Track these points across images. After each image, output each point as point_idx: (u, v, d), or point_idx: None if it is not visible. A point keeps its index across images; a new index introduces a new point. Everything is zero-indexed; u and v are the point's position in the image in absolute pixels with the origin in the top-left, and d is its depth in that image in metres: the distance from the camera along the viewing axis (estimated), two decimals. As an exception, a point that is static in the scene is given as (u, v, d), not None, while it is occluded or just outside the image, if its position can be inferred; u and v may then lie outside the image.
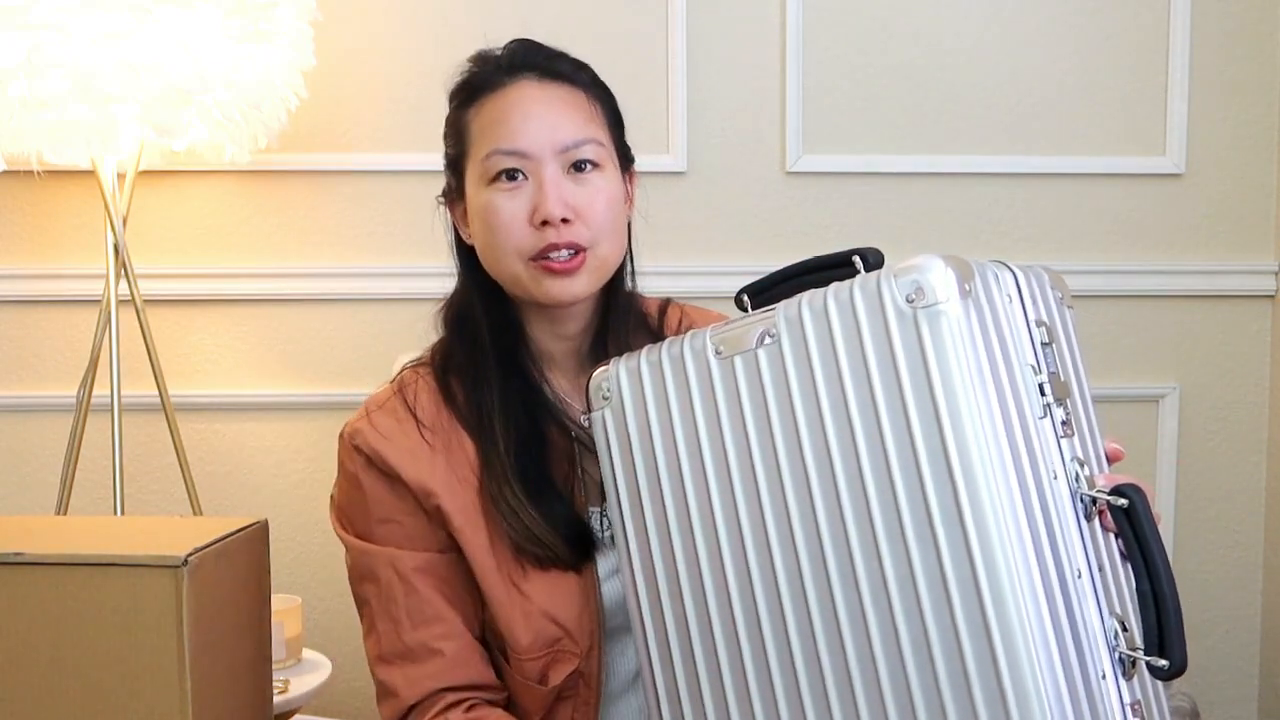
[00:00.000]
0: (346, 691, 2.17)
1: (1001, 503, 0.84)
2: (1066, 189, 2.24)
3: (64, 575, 0.96)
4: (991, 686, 0.84)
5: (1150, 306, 2.26)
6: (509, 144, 1.13)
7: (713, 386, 0.97)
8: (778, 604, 0.93)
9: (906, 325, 0.86)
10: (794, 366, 0.92)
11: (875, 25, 2.21)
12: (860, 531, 0.89)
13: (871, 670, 0.89)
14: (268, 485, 2.22)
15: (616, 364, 1.04)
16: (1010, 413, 0.87)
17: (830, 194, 2.22)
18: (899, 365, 0.87)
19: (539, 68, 1.17)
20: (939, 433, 0.85)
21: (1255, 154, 2.25)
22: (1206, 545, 2.31)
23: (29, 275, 2.16)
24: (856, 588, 0.89)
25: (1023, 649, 0.83)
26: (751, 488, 0.94)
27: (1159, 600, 0.88)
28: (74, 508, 2.01)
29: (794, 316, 0.92)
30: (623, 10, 2.17)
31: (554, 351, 1.21)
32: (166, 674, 0.96)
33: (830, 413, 0.90)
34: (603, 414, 1.04)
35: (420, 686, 1.12)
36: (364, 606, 1.17)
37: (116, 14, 1.71)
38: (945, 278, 0.86)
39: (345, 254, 2.19)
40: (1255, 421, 2.30)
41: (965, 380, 0.85)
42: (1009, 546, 0.83)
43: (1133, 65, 2.22)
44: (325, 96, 2.09)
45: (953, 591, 0.85)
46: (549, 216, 1.10)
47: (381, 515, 1.15)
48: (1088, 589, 0.89)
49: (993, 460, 0.84)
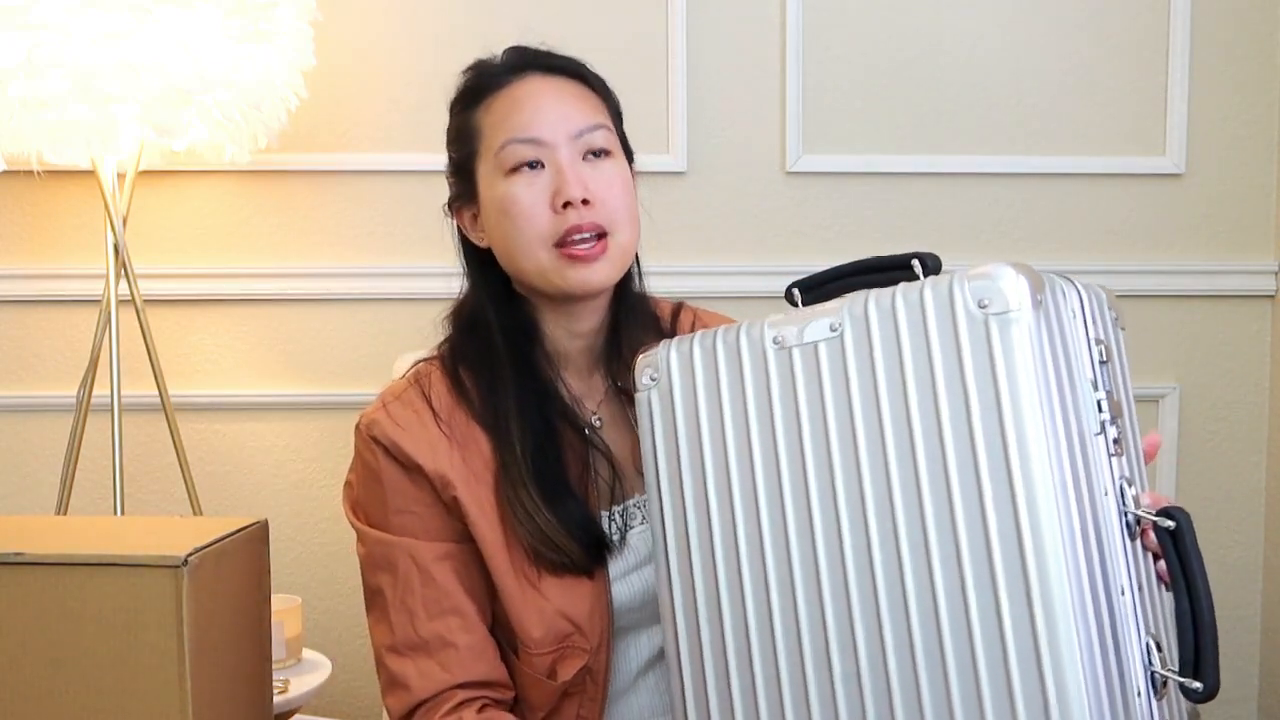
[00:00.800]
0: (346, 691, 2.17)
1: (1059, 516, 0.83)
2: (1066, 189, 2.24)
3: (64, 575, 0.96)
4: (1035, 695, 0.83)
5: (1150, 306, 2.26)
6: (524, 133, 1.13)
7: (768, 377, 0.96)
8: (818, 601, 0.92)
9: (977, 330, 0.86)
10: (855, 363, 0.91)
11: (875, 25, 2.20)
12: (911, 535, 0.88)
13: (910, 672, 0.88)
14: (268, 485, 2.22)
15: (667, 346, 1.03)
16: (1071, 427, 0.87)
17: (830, 194, 2.22)
18: (965, 370, 0.86)
19: (542, 65, 1.18)
20: (1002, 440, 0.84)
21: (1255, 154, 2.25)
22: (1206, 545, 2.27)
23: (29, 275, 2.16)
24: (902, 589, 0.88)
25: (1068, 661, 0.82)
26: (800, 482, 0.93)
27: (1198, 623, 0.88)
28: (74, 508, 2.01)
29: (859, 313, 0.91)
30: (623, 10, 2.17)
31: (569, 351, 1.21)
32: (166, 674, 0.96)
33: (889, 412, 0.89)
34: (649, 395, 1.03)
35: (433, 680, 1.12)
36: (377, 596, 1.16)
37: (116, 14, 1.71)
38: (1019, 286, 0.85)
39: (345, 254, 2.19)
40: (1255, 421, 2.29)
41: (1031, 390, 0.84)
42: (1062, 560, 0.83)
43: (1133, 65, 2.22)
44: (325, 96, 2.09)
45: (1002, 601, 0.84)
46: (570, 197, 1.11)
47: (400, 506, 1.15)
48: (1129, 607, 0.89)
49: (1053, 473, 0.83)
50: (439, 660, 1.12)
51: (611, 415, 1.22)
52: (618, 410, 1.22)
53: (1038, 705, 0.83)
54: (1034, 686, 0.83)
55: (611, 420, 1.22)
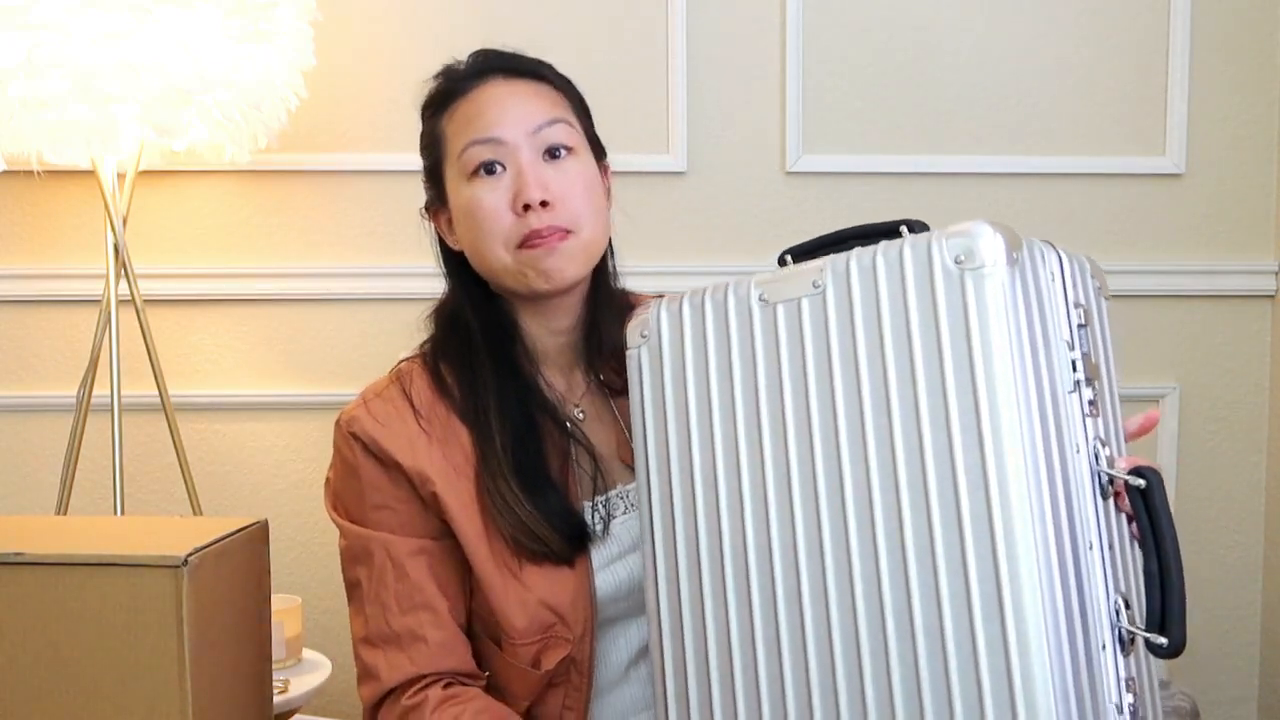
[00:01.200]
0: (346, 691, 2.17)
1: (1026, 466, 0.86)
2: (1066, 189, 2.24)
3: (64, 575, 0.96)
4: (996, 640, 0.85)
5: (1150, 306, 2.26)
6: (483, 134, 1.15)
7: (752, 332, 0.99)
8: (791, 545, 0.95)
9: (953, 285, 0.89)
10: (835, 317, 0.94)
11: (875, 25, 2.20)
12: (883, 481, 0.90)
13: (877, 611, 0.90)
14: (267, 485, 2.22)
15: (658, 305, 1.06)
16: (1043, 382, 0.89)
17: (830, 194, 2.22)
18: (940, 323, 0.89)
19: (504, 68, 1.20)
20: (973, 391, 0.87)
21: (1255, 154, 2.25)
22: (1206, 545, 2.31)
23: (29, 275, 2.16)
24: (873, 537, 0.91)
25: (1030, 609, 0.84)
26: (779, 433, 0.96)
27: (1165, 580, 0.91)
28: (74, 508, 2.01)
29: (841, 270, 0.95)
30: (623, 10, 2.17)
31: (547, 348, 1.23)
32: (166, 674, 0.96)
33: (866, 365, 0.92)
34: (639, 351, 1.06)
35: (401, 671, 1.14)
36: (354, 589, 1.19)
37: (116, 14, 1.71)
38: (994, 243, 0.88)
39: (345, 254, 2.19)
40: (1255, 421, 2.29)
41: (1004, 343, 0.87)
42: (1028, 508, 0.85)
43: (1133, 65, 2.22)
44: (325, 96, 2.09)
45: (968, 548, 0.86)
46: (530, 200, 1.13)
47: (377, 501, 1.17)
48: (1097, 562, 0.91)
49: (1022, 423, 0.86)
50: (409, 654, 1.14)
51: (594, 409, 1.24)
52: (600, 404, 1.24)
53: (998, 644, 0.85)
54: (995, 629, 0.85)
55: (594, 414, 1.23)
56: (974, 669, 0.86)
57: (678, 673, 1.01)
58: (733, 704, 0.97)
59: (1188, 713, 1.96)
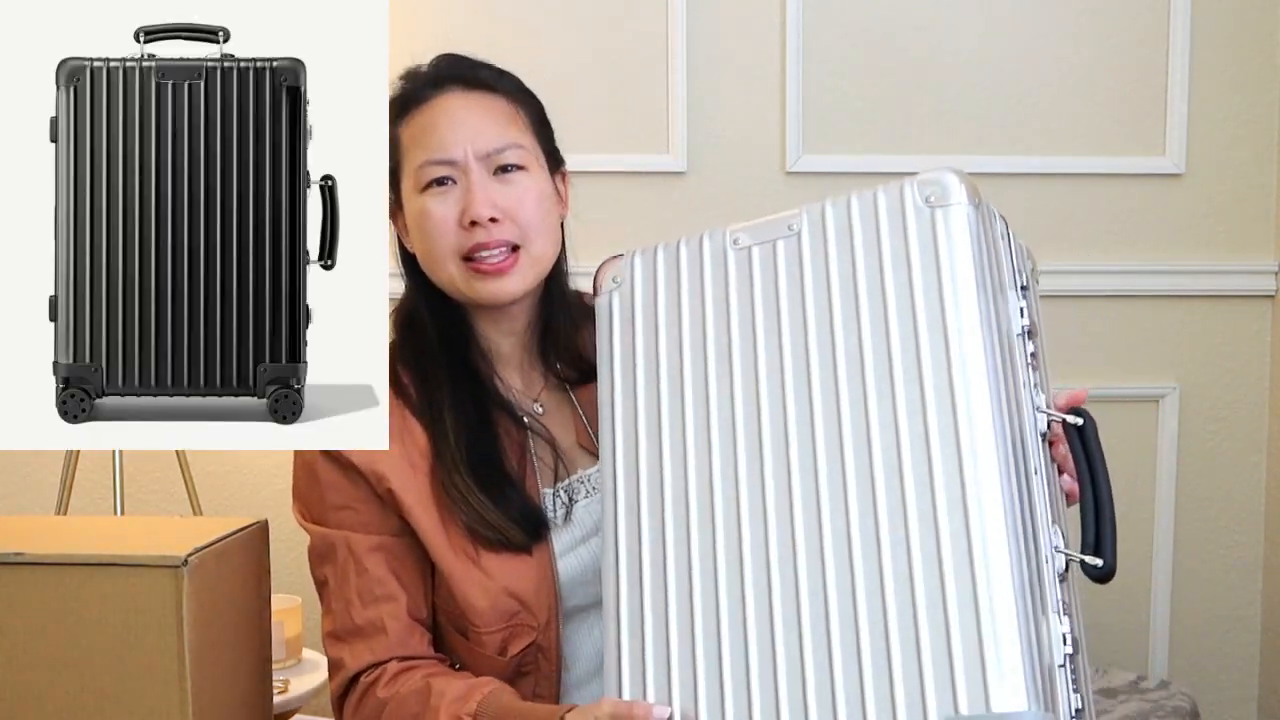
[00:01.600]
0: (346, 691, 2.17)
1: (989, 387, 0.89)
2: (1066, 189, 2.24)
3: (64, 575, 0.96)
4: (963, 557, 0.86)
5: (1150, 306, 2.26)
6: (437, 154, 1.18)
7: (726, 276, 1.01)
8: (760, 491, 0.95)
9: (923, 221, 0.94)
10: (810, 259, 0.97)
11: (875, 25, 2.21)
12: (854, 414, 0.92)
13: (844, 537, 0.90)
14: (267, 485, 2.22)
15: (632, 253, 1.07)
16: (999, 322, 0.94)
17: (830, 194, 2.22)
18: (911, 255, 0.93)
19: (463, 79, 1.22)
20: (941, 316, 0.91)
21: (1255, 154, 2.25)
22: (1206, 545, 2.30)
23: (29, 275, 2.16)
24: (841, 472, 0.92)
25: (991, 519, 0.86)
26: (751, 377, 0.97)
27: (1099, 508, 0.96)
28: (74, 508, 2.01)
29: (816, 213, 0.99)
30: (623, 10, 2.17)
31: (502, 348, 1.25)
32: (166, 674, 0.96)
33: (840, 301, 0.95)
34: (609, 297, 1.06)
35: (363, 660, 1.16)
36: (322, 588, 1.22)
37: (116, 14, 1.71)
38: (961, 185, 0.95)
39: (345, 254, 2.19)
40: (1255, 421, 2.29)
41: (969, 273, 0.92)
42: (991, 425, 0.88)
43: (1133, 65, 2.22)
44: (325, 96, 2.09)
45: (936, 469, 0.88)
46: (477, 217, 1.16)
47: (337, 502, 1.19)
48: (1040, 490, 0.95)
49: (985, 349, 0.90)
50: (370, 644, 1.16)
51: (553, 403, 1.26)
52: (560, 397, 1.26)
53: (964, 561, 0.86)
54: (961, 544, 0.86)
55: (554, 407, 1.26)
56: (939, 579, 0.86)
57: (634, 629, 0.98)
58: (691, 657, 0.95)
59: (1188, 713, 1.96)
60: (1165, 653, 2.31)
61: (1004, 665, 0.82)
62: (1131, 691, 2.01)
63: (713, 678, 0.93)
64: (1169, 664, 2.32)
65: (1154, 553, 2.27)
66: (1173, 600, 2.30)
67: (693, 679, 0.94)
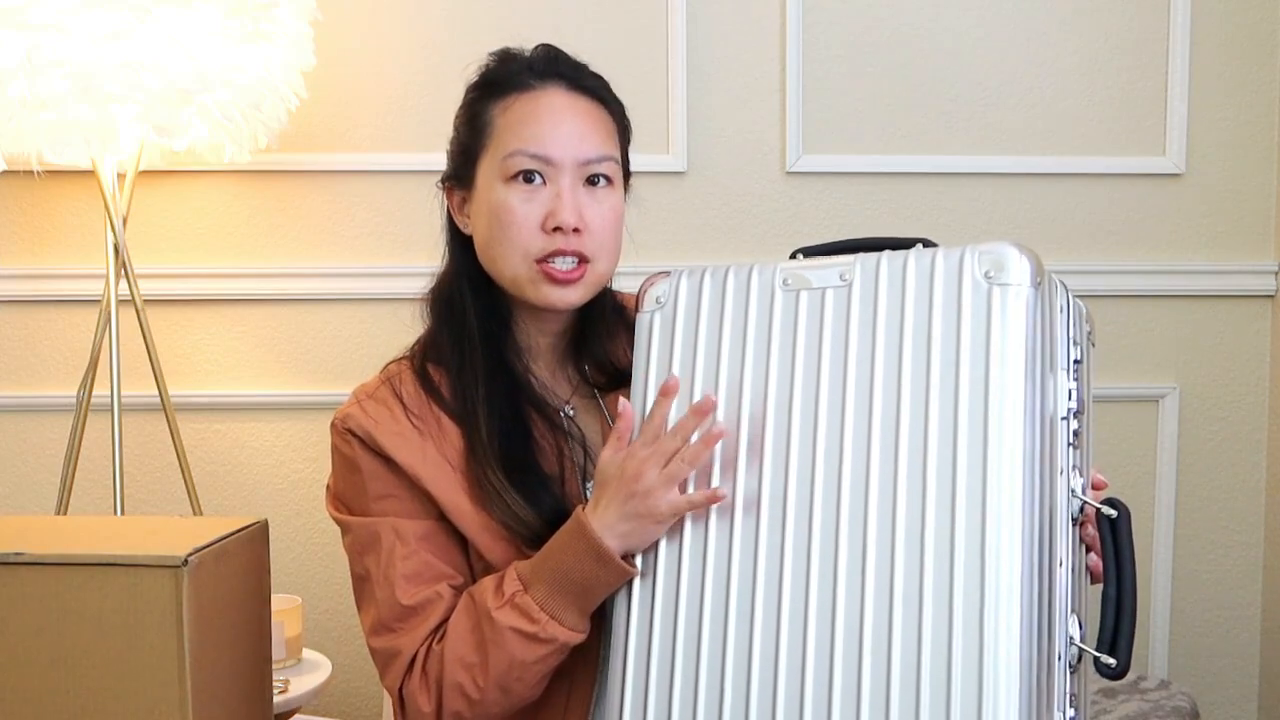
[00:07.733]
0: (346, 691, 2.17)
1: (1023, 477, 0.88)
2: (1066, 189, 2.24)
3: (64, 575, 0.96)
4: (973, 639, 0.86)
5: (1150, 306, 2.26)
6: (537, 148, 1.15)
7: (771, 314, 1.01)
8: (779, 545, 0.95)
9: (980, 296, 0.92)
10: (859, 312, 0.97)
11: (875, 25, 2.21)
12: (882, 475, 0.92)
13: (858, 609, 0.91)
14: (267, 485, 2.22)
15: (679, 274, 1.08)
16: (1046, 405, 0.92)
17: (830, 194, 2.22)
18: (962, 330, 0.92)
19: (567, 77, 1.19)
20: (985, 398, 0.89)
21: (1255, 154, 2.25)
22: (1206, 545, 2.31)
23: (29, 275, 2.16)
24: (864, 534, 0.91)
25: (1006, 624, 0.85)
26: (784, 421, 0.97)
27: (1121, 605, 0.94)
28: (74, 508, 2.01)
29: (871, 267, 0.97)
30: (623, 10, 2.17)
31: (538, 345, 1.25)
32: (166, 674, 0.96)
33: (883, 360, 0.94)
34: (652, 316, 1.08)
35: (419, 637, 1.14)
36: (363, 583, 1.18)
37: (116, 14, 1.71)
38: (1024, 263, 0.92)
39: (345, 254, 2.19)
40: (1255, 421, 2.29)
41: (1019, 358, 0.90)
42: (1019, 517, 0.87)
43: (1133, 65, 2.22)
44: (325, 96, 2.09)
45: (958, 549, 0.87)
46: (563, 224, 1.14)
47: (379, 492, 1.18)
48: (1064, 580, 0.94)
49: (1025, 436, 0.88)
50: (426, 620, 1.14)
51: (582, 404, 1.25)
52: (588, 400, 1.25)
53: (974, 644, 0.86)
54: (974, 627, 0.86)
55: (582, 409, 1.25)
56: (946, 669, 0.86)
57: (641, 630, 1.01)
58: (693, 694, 0.97)
59: (1187, 713, 1.96)
60: (1165, 652, 2.31)
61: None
62: (1131, 691, 2.01)
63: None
64: (1169, 664, 2.32)
65: (1154, 553, 2.27)
66: (1173, 600, 2.30)
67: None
